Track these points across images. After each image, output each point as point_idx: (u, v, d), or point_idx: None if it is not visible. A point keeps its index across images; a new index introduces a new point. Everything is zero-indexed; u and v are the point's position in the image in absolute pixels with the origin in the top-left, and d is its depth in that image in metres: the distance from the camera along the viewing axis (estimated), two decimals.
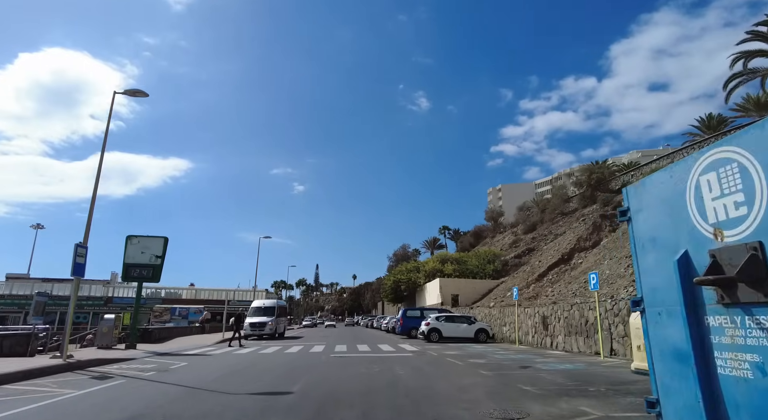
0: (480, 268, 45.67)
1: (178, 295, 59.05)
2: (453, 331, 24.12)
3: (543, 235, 50.20)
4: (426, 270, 48.04)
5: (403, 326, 28.53)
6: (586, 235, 33.09)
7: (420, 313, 29.13)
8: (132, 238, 20.31)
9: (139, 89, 14.49)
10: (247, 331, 28.37)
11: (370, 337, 30.47)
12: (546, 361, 13.98)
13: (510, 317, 24.46)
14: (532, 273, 33.06)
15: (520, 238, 55.81)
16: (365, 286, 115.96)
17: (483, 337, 23.98)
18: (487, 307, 29.18)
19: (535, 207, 63.91)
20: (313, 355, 16.24)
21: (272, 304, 30.30)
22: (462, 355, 15.77)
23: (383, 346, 21.20)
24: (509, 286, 34.93)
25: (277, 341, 26.35)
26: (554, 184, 66.56)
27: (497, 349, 18.96)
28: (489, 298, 36.07)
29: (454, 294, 41.05)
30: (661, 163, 45.68)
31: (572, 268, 29.42)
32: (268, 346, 21.69)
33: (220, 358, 15.86)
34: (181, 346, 21.72)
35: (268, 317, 29.03)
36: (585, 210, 47.88)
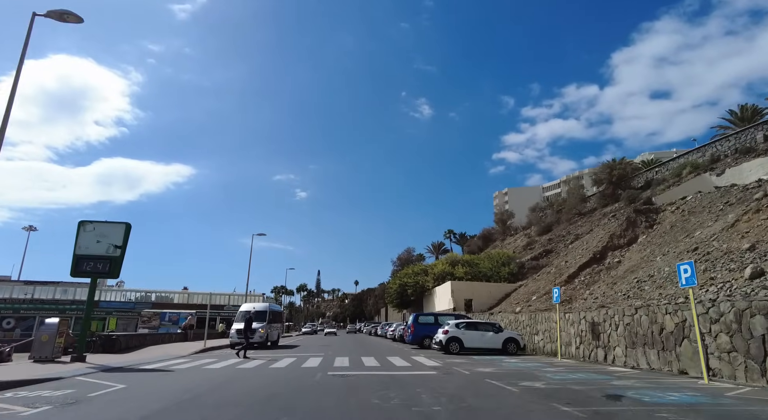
0: (494, 271, 41.50)
1: (170, 299, 54.93)
2: (476, 340, 19.98)
3: (561, 236, 46.25)
4: (435, 273, 43.86)
5: (415, 334, 24.37)
6: (620, 232, 28.99)
7: (434, 319, 24.99)
8: (85, 223, 16.33)
9: (68, 11, 10.51)
10: (233, 338, 24.26)
11: (376, 346, 26.31)
12: (628, 384, 9.87)
13: (544, 324, 20.31)
14: (559, 274, 28.92)
15: (535, 240, 51.86)
16: (367, 292, 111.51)
17: (512, 347, 19.83)
18: (512, 313, 25.01)
19: (548, 208, 59.99)
20: (305, 373, 12.16)
21: (264, 308, 26.21)
22: (504, 375, 11.65)
23: (394, 359, 17.07)
24: (531, 289, 30.77)
25: (268, 351, 22.25)
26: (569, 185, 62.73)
27: (541, 365, 14.82)
28: (508, 303, 31.90)
29: (467, 299, 36.84)
30: (690, 157, 41.89)
31: (609, 268, 25.30)
32: (254, 358, 17.59)
33: (181, 375, 11.79)
34: (148, 357, 17.65)
35: (258, 323, 24.90)
36: (607, 208, 44.07)
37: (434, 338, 21.62)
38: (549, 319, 19.80)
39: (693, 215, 23.08)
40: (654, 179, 44.68)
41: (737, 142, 35.94)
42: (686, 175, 38.26)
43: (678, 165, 41.87)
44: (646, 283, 17.87)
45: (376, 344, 29.15)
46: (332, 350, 22.50)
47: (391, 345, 28.26)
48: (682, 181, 37.68)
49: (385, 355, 19.12)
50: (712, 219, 20.43)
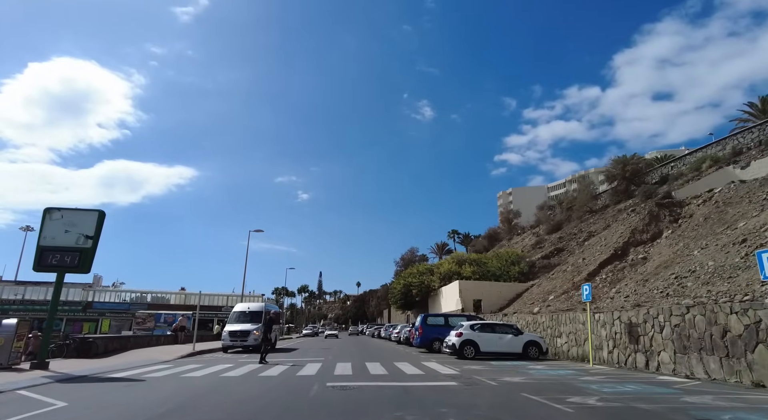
0: (503, 271, 39.37)
1: (166, 300, 52.87)
2: (494, 344, 17.83)
3: (572, 234, 44.21)
4: (441, 272, 41.72)
5: (423, 337, 22.23)
6: (642, 227, 26.85)
7: (444, 320, 22.86)
8: (52, 211, 14.28)
9: None
10: (225, 341, 22.18)
11: (381, 350, 24.17)
12: (706, 401, 7.74)
13: (568, 326, 18.16)
14: (578, 272, 26.76)
15: (544, 239, 49.80)
16: (370, 294, 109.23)
17: (534, 352, 17.69)
18: (530, 314, 22.84)
19: (557, 206, 57.87)
20: (299, 384, 10.06)
21: (259, 309, 24.11)
22: (540, 387, 9.53)
23: (403, 365, 14.96)
24: (546, 288, 28.62)
25: None
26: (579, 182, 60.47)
27: (575, 372, 12.68)
28: (521, 303, 29.74)
29: (476, 299, 34.68)
30: (708, 151, 39.81)
31: (633, 264, 23.15)
32: (244, 363, 15.53)
33: (151, 386, 9.70)
34: (125, 362, 15.56)
35: (253, 324, 22.83)
36: (620, 205, 42.01)
37: (445, 341, 19.52)
38: (575, 320, 17.64)
39: (730, 206, 20.95)
40: (670, 174, 42.57)
41: (761, 133, 33.78)
42: (706, 169, 36.24)
43: (696, 159, 39.87)
44: (687, 279, 15.73)
45: (381, 347, 27.03)
46: (333, 354, 20.39)
47: (396, 348, 26.12)
48: (702, 175, 35.65)
49: (392, 360, 16.99)
50: (756, 209, 18.29)
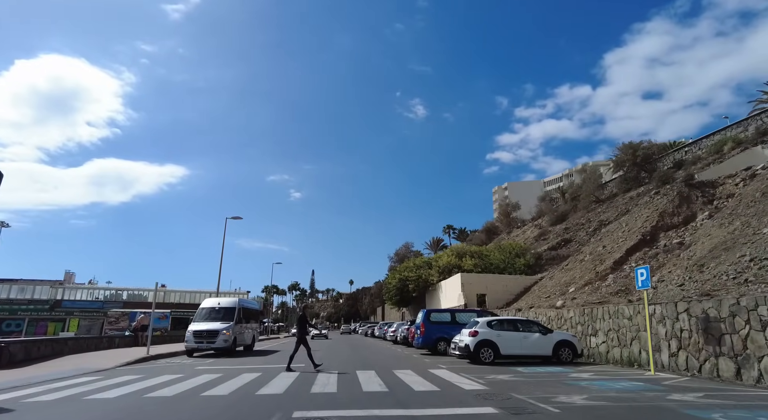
0: (507, 263, 35.82)
1: (143, 297, 48.64)
2: (517, 345, 14.17)
3: (580, 224, 40.98)
4: (440, 265, 38.08)
5: (426, 336, 18.53)
6: (672, 210, 23.36)
7: (450, 316, 19.16)
8: None
9: None
10: (189, 342, 18.30)
11: (376, 352, 20.44)
12: None
13: (607, 321, 14.56)
14: (600, 261, 23.21)
15: (548, 230, 46.53)
16: (363, 291, 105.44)
17: (567, 354, 14.09)
18: (551, 308, 19.23)
19: (560, 197, 54.59)
20: (252, 412, 6.27)
21: (231, 305, 20.22)
22: (624, 413, 5.83)
23: (405, 374, 11.27)
24: (562, 280, 25.06)
25: (234, 359, 16.37)
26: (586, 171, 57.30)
27: (649, 386, 9.02)
28: (533, 297, 26.17)
29: (480, 293, 31.10)
30: (727, 133, 36.70)
31: (669, 250, 19.64)
32: (197, 374, 11.74)
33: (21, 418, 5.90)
34: (41, 373, 11.71)
35: (223, 323, 18.97)
36: (632, 192, 38.85)
37: (454, 341, 15.86)
38: (617, 314, 14.02)
39: None
40: (684, 159, 39.38)
41: None
42: (729, 151, 33.21)
43: (714, 143, 36.84)
44: None
45: (375, 349, 23.26)
46: (317, 359, 16.62)
47: (393, 350, 22.39)
48: (725, 157, 32.52)
49: (390, 367, 13.29)
50: None
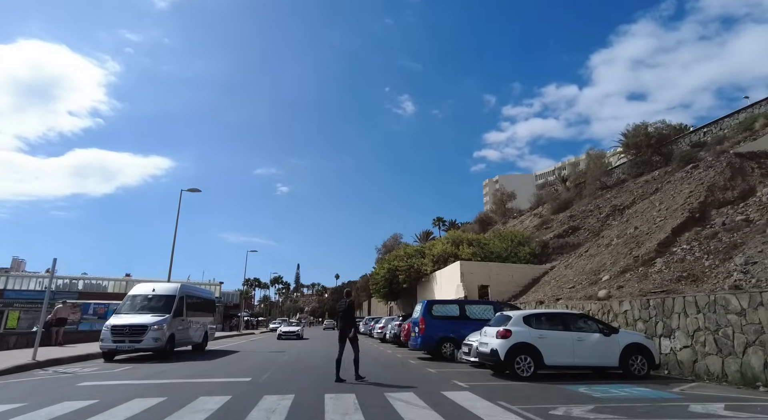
0: (510, 252, 31.33)
1: (102, 287, 42.95)
2: (567, 351, 9.48)
3: (588, 211, 36.89)
4: (434, 254, 33.41)
5: (427, 336, 13.76)
6: (724, 183, 19.01)
7: (459, 309, 14.40)
8: None
9: None
10: (105, 341, 13.24)
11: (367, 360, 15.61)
12: None
13: (687, 319, 9.98)
14: (636, 244, 18.72)
15: (550, 219, 42.33)
16: (348, 285, 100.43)
17: (640, 365, 9.49)
18: (590, 300, 14.60)
19: (561, 185, 50.49)
20: None
21: (169, 292, 15.15)
22: None
23: (407, 406, 6.50)
24: (587, 268, 20.58)
25: (161, 367, 11.42)
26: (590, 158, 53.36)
27: None
28: (547, 289, 21.66)
29: (482, 284, 26.50)
30: (756, 111, 32.78)
31: (733, 228, 15.24)
32: (69, 396, 6.70)
33: None
34: None
35: (156, 315, 13.93)
36: (645, 176, 34.89)
37: (467, 344, 11.30)
38: (716, 306, 9.39)
39: None
40: (704, 140, 35.32)
41: None
42: (762, 128, 29.33)
43: (739, 122, 32.92)
44: None
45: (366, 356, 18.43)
46: (278, 365, 11.75)
47: (382, 352, 17.60)
48: (758, 134, 28.59)
49: (380, 384, 8.50)
50: None
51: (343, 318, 9.29)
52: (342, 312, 9.29)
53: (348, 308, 9.24)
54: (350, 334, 9.13)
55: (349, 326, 9.18)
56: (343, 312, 9.26)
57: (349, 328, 9.17)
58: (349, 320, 9.22)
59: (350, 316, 9.25)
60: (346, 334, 9.14)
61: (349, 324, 9.19)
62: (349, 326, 9.18)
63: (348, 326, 9.17)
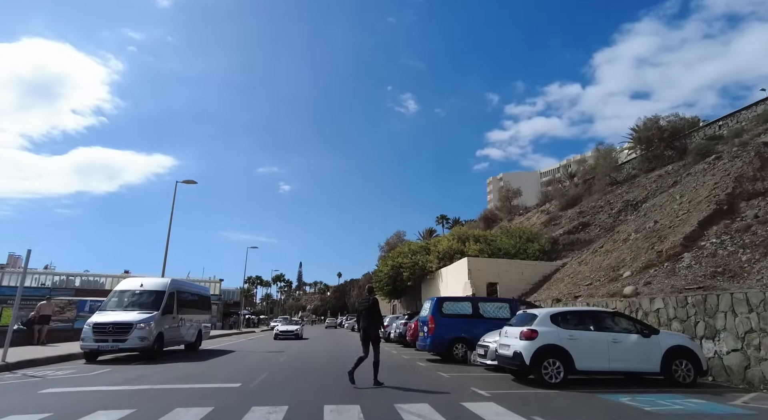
0: (519, 248, 30.11)
1: (100, 284, 41.99)
2: (602, 354, 8.28)
3: (598, 207, 35.69)
4: (439, 250, 32.21)
5: (437, 336, 12.57)
6: (753, 173, 17.75)
7: (471, 307, 13.17)
8: None
9: None
10: (86, 341, 12.12)
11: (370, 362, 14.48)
12: None
13: (737, 318, 8.79)
14: (658, 238, 17.49)
15: (558, 215, 41.07)
16: (351, 284, 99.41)
17: (685, 371, 8.28)
18: (617, 297, 13.36)
19: (568, 181, 49.24)
20: None
21: (158, 287, 14.00)
22: None
23: (419, 413, 5.26)
24: (604, 264, 19.36)
25: (145, 368, 10.31)
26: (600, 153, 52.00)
27: None
28: (560, 286, 20.44)
29: (490, 282, 25.31)
30: None
31: (765, 221, 13.99)
32: (23, 408, 5.51)
33: None
34: None
35: (142, 312, 12.82)
36: (658, 171, 33.63)
37: (483, 345, 10.24)
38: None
39: None
40: (719, 134, 33.95)
41: None
42: None
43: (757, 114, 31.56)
44: None
45: None
46: (272, 369, 10.58)
47: (387, 353, 16.35)
48: None
49: (388, 391, 7.33)
50: None
51: (366, 316, 8.45)
52: (365, 310, 8.50)
53: (372, 306, 8.51)
54: (376, 334, 8.47)
55: (375, 326, 8.47)
56: (366, 310, 8.46)
57: (375, 327, 8.46)
58: (374, 319, 8.48)
59: (375, 315, 8.50)
60: (371, 335, 8.41)
61: (375, 323, 8.47)
62: (375, 326, 8.47)
63: (373, 325, 8.44)
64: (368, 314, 8.41)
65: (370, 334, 8.37)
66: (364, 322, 8.44)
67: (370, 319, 8.40)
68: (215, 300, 48.67)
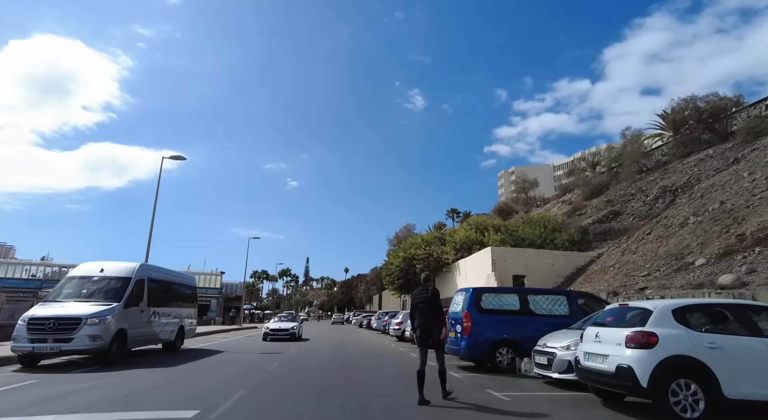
0: (545, 238, 27.01)
1: None
2: (761, 371, 5.15)
3: (629, 195, 33.01)
4: (456, 241, 29.17)
5: (474, 338, 9.54)
6: None
7: (520, 300, 10.09)
8: None
9: None
10: (20, 342, 9.27)
11: (381, 365, 11.56)
12: None
13: None
14: (733, 220, 14.38)
15: (583, 205, 38.28)
16: (358, 279, 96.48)
17: None
18: (713, 288, 10.29)
19: (590, 170, 45.97)
20: None
21: (123, 273, 11.11)
22: None
23: None
24: (659, 252, 16.28)
25: (86, 377, 7.42)
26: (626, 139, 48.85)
27: None
28: (605, 277, 17.37)
29: (516, 274, 22.29)
30: None
31: None
32: None
33: None
34: None
35: (98, 304, 9.99)
36: (698, 154, 30.62)
37: (546, 351, 7.52)
38: None
39: None
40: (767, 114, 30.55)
41: None
42: None
43: None
44: None
45: (378, 355, 14.32)
46: (256, 382, 7.66)
47: (405, 356, 13.48)
48: None
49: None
50: None
51: (425, 312, 6.26)
52: (423, 303, 6.31)
53: (432, 298, 6.30)
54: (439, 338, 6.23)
55: (438, 324, 6.21)
56: (425, 303, 6.29)
57: (438, 327, 6.20)
58: (437, 316, 6.26)
59: (437, 311, 6.29)
60: (431, 337, 6.20)
61: (437, 321, 6.23)
62: (438, 324, 6.21)
63: (435, 324, 6.20)
64: (427, 309, 6.19)
65: (432, 336, 6.11)
66: (422, 319, 6.19)
67: (431, 315, 6.16)
68: (215, 293, 46.06)
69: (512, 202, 56.52)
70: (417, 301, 6.41)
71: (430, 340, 6.17)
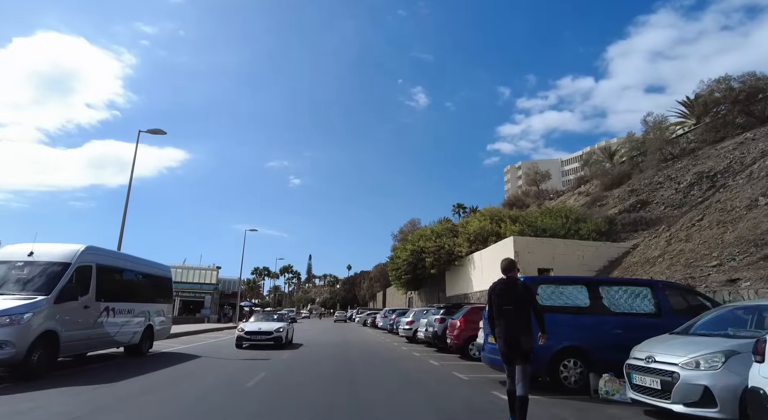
0: (568, 229, 24.26)
1: None
2: None
3: (656, 183, 30.22)
4: (470, 232, 26.42)
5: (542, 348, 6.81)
6: None
7: (589, 293, 7.34)
8: None
9: None
10: None
11: (403, 386, 8.88)
12: None
13: None
14: None
15: (603, 195, 35.56)
16: (361, 276, 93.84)
17: None
18: None
19: (607, 160, 43.06)
20: None
21: (59, 258, 8.45)
22: None
23: None
24: (724, 238, 13.58)
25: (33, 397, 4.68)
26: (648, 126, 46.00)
27: None
28: (642, 268, 14.64)
29: (542, 268, 19.56)
30: None
31: None
32: None
33: None
34: None
35: (16, 299, 7.32)
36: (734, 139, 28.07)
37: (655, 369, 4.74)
38: None
39: None
40: None
41: None
42: None
43: None
44: None
45: (394, 366, 11.61)
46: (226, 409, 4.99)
47: (422, 363, 10.83)
48: None
49: None
50: None
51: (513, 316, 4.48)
52: (513, 301, 4.50)
53: (523, 293, 4.53)
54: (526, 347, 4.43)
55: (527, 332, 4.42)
56: (515, 301, 4.49)
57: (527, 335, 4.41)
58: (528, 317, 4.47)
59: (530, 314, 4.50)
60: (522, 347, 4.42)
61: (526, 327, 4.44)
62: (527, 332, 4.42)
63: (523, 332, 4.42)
64: (517, 309, 4.46)
65: (520, 345, 4.40)
66: (510, 325, 4.47)
67: (519, 316, 4.45)
68: (211, 289, 43.43)
69: (523, 195, 53.74)
70: (501, 301, 4.53)
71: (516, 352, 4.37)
